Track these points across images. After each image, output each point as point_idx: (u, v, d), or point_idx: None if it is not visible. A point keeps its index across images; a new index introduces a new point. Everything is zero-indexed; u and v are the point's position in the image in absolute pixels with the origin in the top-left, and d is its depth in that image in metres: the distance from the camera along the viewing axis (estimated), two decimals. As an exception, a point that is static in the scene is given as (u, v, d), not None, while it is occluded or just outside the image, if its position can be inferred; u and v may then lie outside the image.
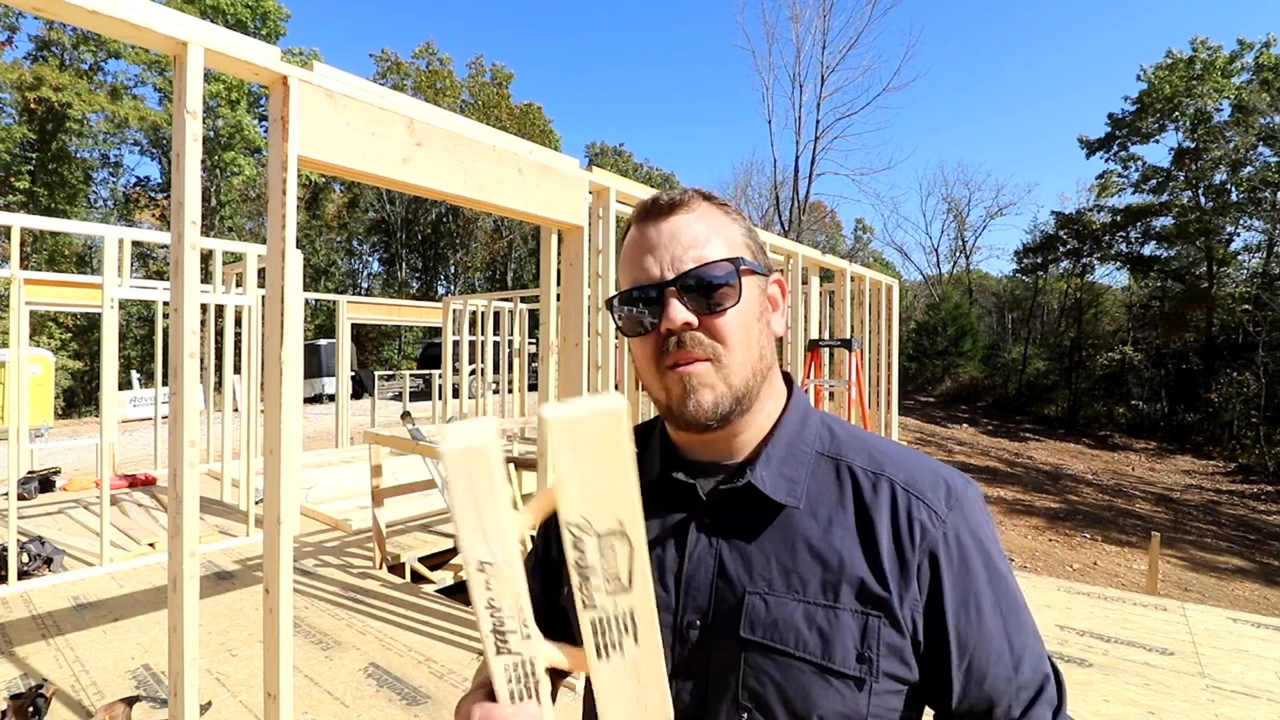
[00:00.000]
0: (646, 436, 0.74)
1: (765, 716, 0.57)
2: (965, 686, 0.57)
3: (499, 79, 30.89)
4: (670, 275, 0.61)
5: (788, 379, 0.71)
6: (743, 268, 0.62)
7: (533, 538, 0.81)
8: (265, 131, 21.59)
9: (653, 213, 0.64)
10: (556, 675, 0.65)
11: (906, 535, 0.58)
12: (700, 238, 0.62)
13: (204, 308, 5.63)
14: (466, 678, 2.72)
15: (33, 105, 17.11)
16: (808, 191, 21.57)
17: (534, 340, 12.86)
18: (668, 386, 0.62)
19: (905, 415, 18.48)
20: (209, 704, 2.48)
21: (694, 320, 0.60)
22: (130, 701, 2.38)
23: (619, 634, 0.48)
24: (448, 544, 4.44)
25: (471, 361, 8.84)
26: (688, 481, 0.65)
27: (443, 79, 29.07)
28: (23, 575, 3.77)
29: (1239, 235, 19.34)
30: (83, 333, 17.71)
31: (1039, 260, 25.20)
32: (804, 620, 0.57)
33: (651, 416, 0.88)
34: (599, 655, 0.48)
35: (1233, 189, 18.98)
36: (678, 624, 0.62)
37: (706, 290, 0.60)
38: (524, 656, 0.46)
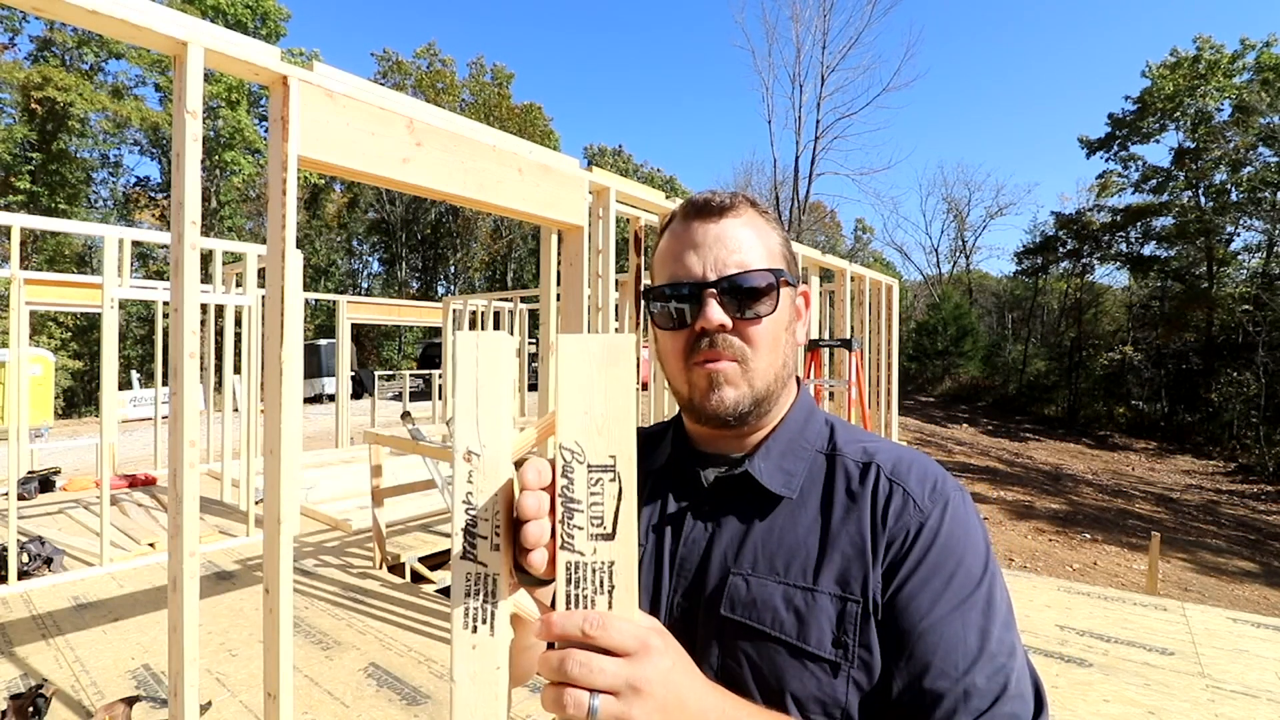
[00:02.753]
0: (661, 431, 0.77)
1: (740, 696, 0.56)
2: (907, 680, 0.54)
3: (499, 79, 30.94)
4: (712, 276, 0.63)
5: (796, 380, 0.74)
6: (781, 279, 0.65)
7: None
8: (265, 132, 21.60)
9: (702, 212, 0.66)
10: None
11: (881, 519, 0.59)
12: (744, 244, 0.64)
13: (204, 308, 5.63)
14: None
15: (34, 105, 17.12)
16: (808, 191, 21.57)
17: (534, 340, 12.84)
18: (692, 380, 0.65)
19: (905, 415, 18.48)
20: (209, 704, 2.49)
21: (729, 323, 0.63)
22: (130, 701, 2.38)
23: (593, 589, 0.44)
24: (447, 544, 4.43)
25: (471, 361, 8.83)
26: (693, 470, 0.68)
27: (444, 79, 29.11)
28: (23, 575, 3.77)
29: (1239, 235, 19.36)
30: (83, 333, 17.72)
31: (1039, 260, 25.20)
32: (782, 601, 0.59)
33: (667, 416, 0.88)
34: (567, 606, 0.44)
35: (1233, 189, 18.98)
36: (668, 603, 0.64)
37: (744, 296, 0.63)
38: (488, 570, 0.43)
